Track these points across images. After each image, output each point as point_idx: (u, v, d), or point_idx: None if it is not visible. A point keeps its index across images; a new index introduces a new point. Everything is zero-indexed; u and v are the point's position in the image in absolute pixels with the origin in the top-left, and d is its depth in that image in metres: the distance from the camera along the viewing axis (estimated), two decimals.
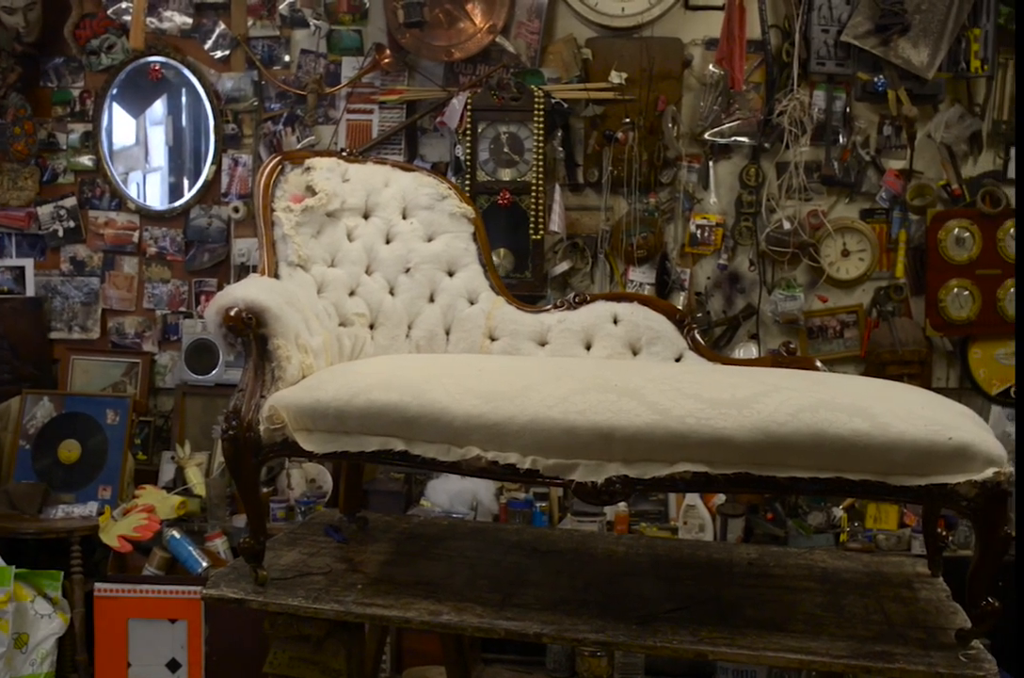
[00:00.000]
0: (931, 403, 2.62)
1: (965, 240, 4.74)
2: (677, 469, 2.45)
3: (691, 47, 4.90)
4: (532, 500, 4.69)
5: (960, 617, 2.64)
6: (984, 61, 4.72)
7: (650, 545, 3.28)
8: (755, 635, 2.50)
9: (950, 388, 4.83)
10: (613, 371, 2.75)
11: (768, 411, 2.43)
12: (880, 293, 4.87)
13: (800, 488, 2.47)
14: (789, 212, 4.80)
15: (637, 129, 4.80)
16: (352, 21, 5.15)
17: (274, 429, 2.70)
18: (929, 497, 2.43)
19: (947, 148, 4.80)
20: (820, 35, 4.75)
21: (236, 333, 2.74)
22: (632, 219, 4.82)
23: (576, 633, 2.51)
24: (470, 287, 3.40)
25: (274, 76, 5.19)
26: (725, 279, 4.89)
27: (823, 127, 4.79)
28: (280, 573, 2.84)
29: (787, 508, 4.69)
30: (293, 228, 3.14)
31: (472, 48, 4.92)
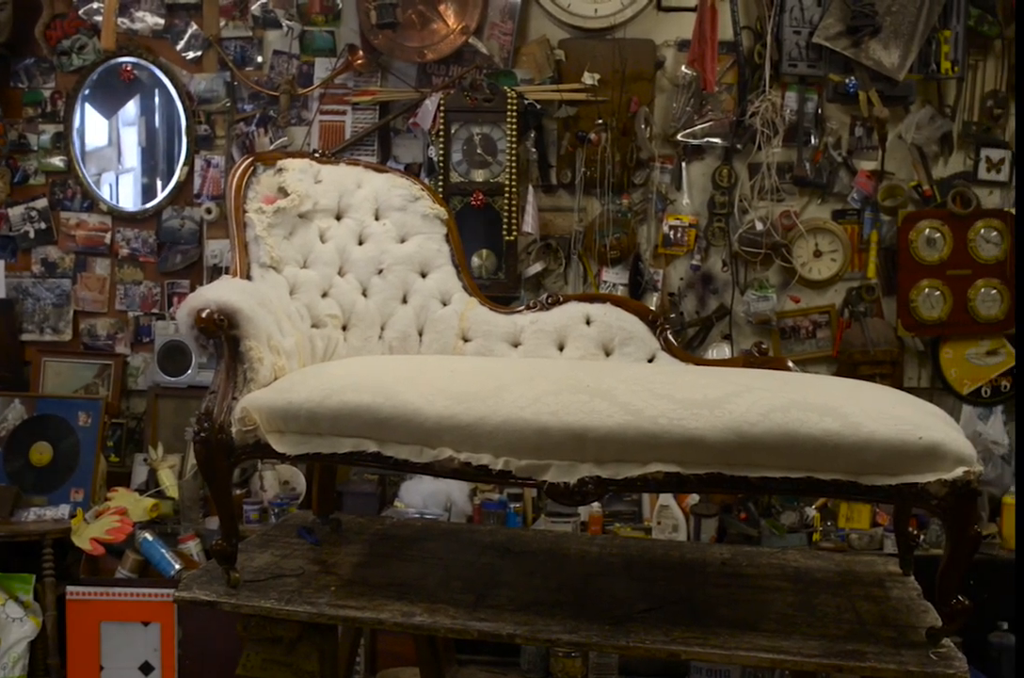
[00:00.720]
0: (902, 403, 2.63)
1: (936, 241, 4.77)
2: (649, 469, 2.46)
3: (664, 48, 4.91)
4: (506, 501, 4.69)
5: (931, 615, 2.65)
6: (954, 63, 4.75)
7: (623, 545, 3.28)
8: (728, 635, 2.51)
9: (921, 388, 4.86)
10: (586, 372, 2.75)
11: (740, 411, 2.44)
12: (852, 293, 4.89)
13: (772, 488, 2.48)
14: (761, 213, 4.82)
15: (610, 130, 4.80)
16: (325, 22, 5.14)
17: (246, 431, 2.69)
18: (900, 496, 2.44)
19: (918, 149, 4.83)
20: (792, 37, 4.77)
21: (208, 335, 2.73)
22: (605, 220, 4.82)
23: (549, 634, 2.51)
24: (443, 288, 3.40)
25: (246, 77, 5.18)
26: (698, 280, 4.90)
27: (795, 128, 4.81)
28: (253, 575, 2.83)
29: (760, 508, 4.70)
30: (265, 229, 3.12)
31: (445, 49, 4.92)
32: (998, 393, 4.82)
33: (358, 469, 4.84)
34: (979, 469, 2.41)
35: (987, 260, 4.76)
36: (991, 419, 4.79)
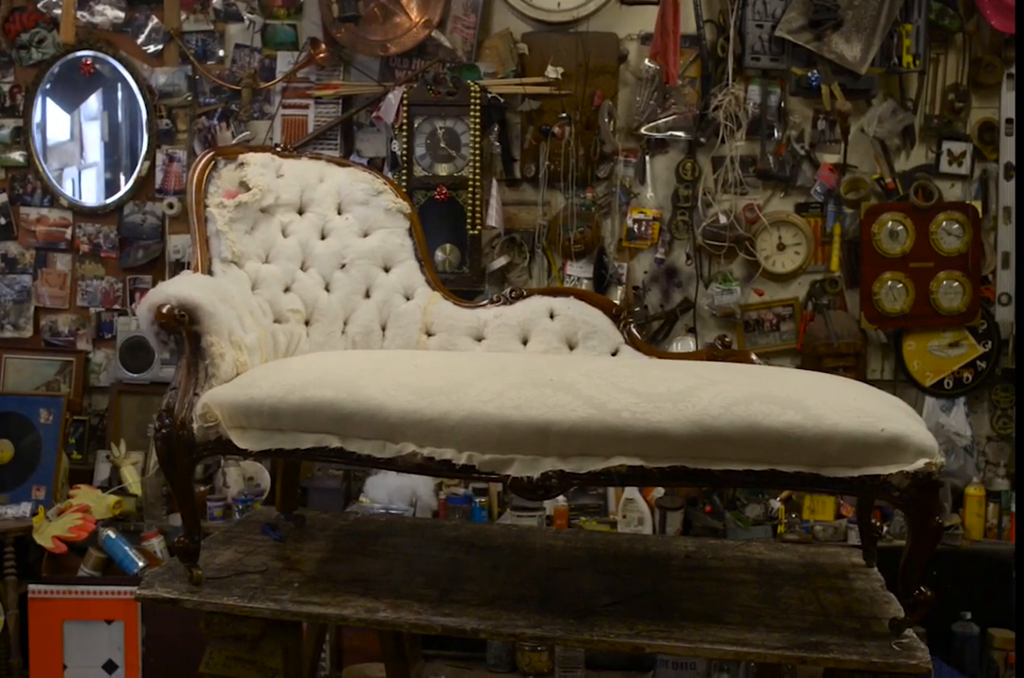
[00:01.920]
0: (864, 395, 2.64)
1: (898, 233, 4.79)
2: (613, 463, 2.46)
3: (627, 42, 4.91)
4: (471, 495, 4.68)
5: (894, 606, 2.66)
6: (916, 56, 4.77)
7: (588, 539, 3.28)
8: (692, 628, 2.51)
9: (885, 380, 4.88)
10: (549, 366, 2.75)
11: (703, 404, 2.44)
12: (815, 286, 4.91)
13: (735, 481, 2.48)
14: (725, 206, 4.83)
15: (573, 124, 4.80)
16: (287, 15, 5.11)
17: (208, 427, 2.67)
18: (862, 488, 2.45)
19: (880, 142, 4.85)
20: (754, 30, 4.78)
21: (168, 331, 2.71)
22: (569, 214, 4.82)
23: (513, 628, 2.50)
24: (406, 283, 3.39)
25: (208, 71, 5.14)
26: (662, 273, 4.91)
27: (758, 122, 4.82)
28: (216, 572, 2.81)
29: (725, 501, 4.72)
30: (227, 224, 3.11)
31: (408, 43, 4.91)
32: (960, 385, 4.85)
33: (322, 465, 4.82)
34: (941, 461, 2.42)
35: (949, 253, 4.78)
36: (953, 411, 4.82)
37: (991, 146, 4.84)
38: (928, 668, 2.41)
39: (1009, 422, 4.84)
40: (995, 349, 4.83)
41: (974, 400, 4.90)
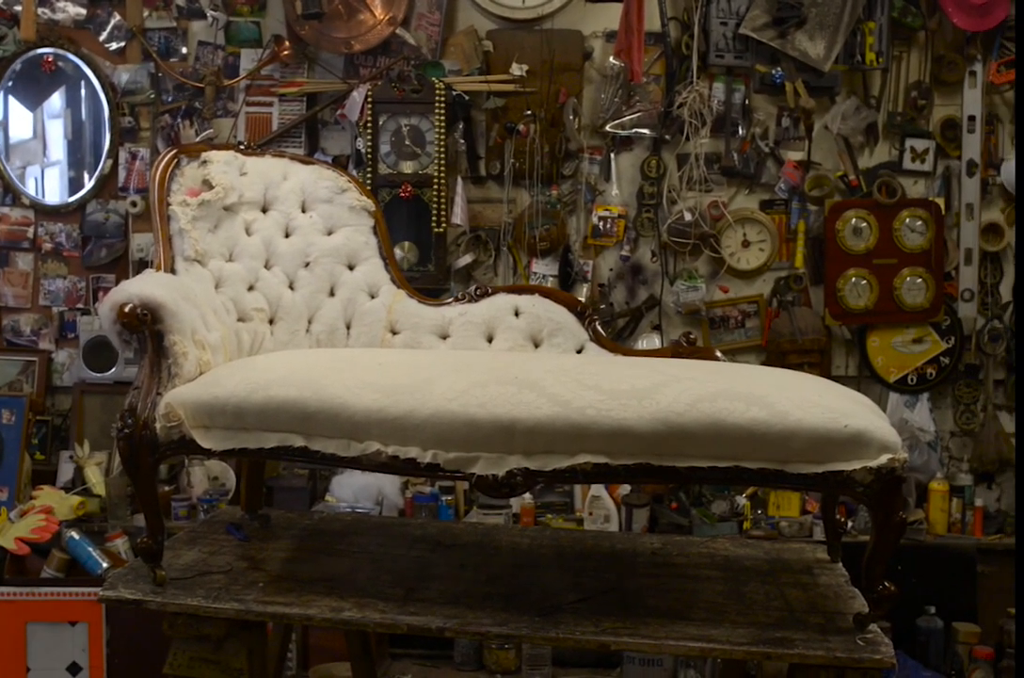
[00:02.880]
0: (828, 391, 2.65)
1: (862, 230, 4.81)
2: (578, 460, 2.46)
3: (591, 39, 4.91)
4: (438, 494, 4.67)
5: (858, 602, 2.68)
6: (879, 54, 4.80)
7: (554, 537, 3.28)
8: (657, 624, 2.52)
9: (849, 376, 4.91)
10: (514, 363, 2.74)
11: (667, 401, 2.45)
12: (780, 283, 4.93)
13: (699, 477, 2.49)
14: (690, 203, 4.84)
15: (538, 121, 4.80)
16: (250, 13, 5.09)
17: (171, 427, 2.65)
18: (826, 484, 2.46)
19: (844, 139, 4.87)
20: (719, 28, 4.79)
21: (131, 330, 2.69)
22: (534, 211, 4.82)
23: (479, 627, 2.50)
24: (371, 281, 3.38)
25: (171, 68, 5.11)
26: (628, 270, 4.91)
27: (723, 119, 4.83)
28: (180, 573, 2.79)
29: (691, 497, 4.73)
30: (190, 222, 3.09)
31: (372, 40, 4.89)
32: (924, 380, 4.88)
33: (287, 464, 4.80)
34: (903, 456, 2.43)
35: (912, 249, 4.81)
36: (917, 406, 4.85)
37: (954, 143, 4.87)
38: (892, 663, 2.42)
39: (972, 417, 4.87)
40: (958, 345, 4.87)
41: (938, 396, 4.93)
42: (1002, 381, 4.92)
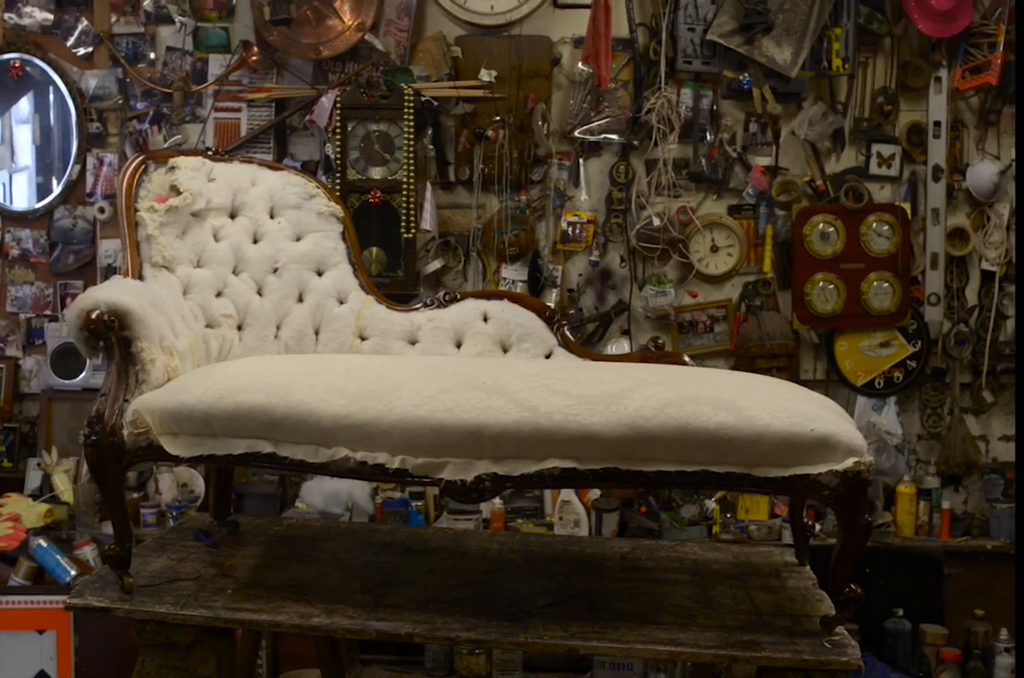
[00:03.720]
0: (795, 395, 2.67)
1: (829, 235, 4.83)
2: (546, 465, 2.47)
3: (560, 45, 4.92)
4: (408, 499, 4.67)
5: (825, 604, 2.70)
6: (845, 60, 4.82)
7: (523, 542, 3.29)
8: (626, 628, 2.53)
9: (817, 380, 4.93)
10: (482, 369, 2.75)
11: (635, 406, 2.46)
12: (748, 288, 4.95)
13: (667, 482, 2.51)
14: (659, 209, 4.85)
15: (507, 127, 4.80)
16: (218, 18, 5.07)
17: (138, 433, 2.65)
18: (793, 488, 2.48)
19: (811, 145, 4.90)
20: (686, 34, 4.80)
21: (98, 336, 2.69)
22: (504, 217, 4.82)
23: (448, 632, 2.51)
24: (339, 286, 3.38)
25: (139, 74, 5.09)
26: (597, 276, 4.92)
27: (691, 125, 4.85)
28: (148, 580, 2.79)
29: (661, 501, 4.74)
30: (157, 229, 3.09)
31: (341, 46, 4.89)
32: (891, 384, 4.91)
33: (257, 470, 4.79)
34: (869, 459, 2.45)
35: (879, 254, 4.84)
36: (885, 410, 4.88)
37: (919, 148, 4.90)
38: (859, 665, 2.44)
39: (939, 420, 4.90)
40: (925, 349, 4.90)
41: (905, 399, 4.96)
42: (968, 384, 4.95)
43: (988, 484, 4.86)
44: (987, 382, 4.91)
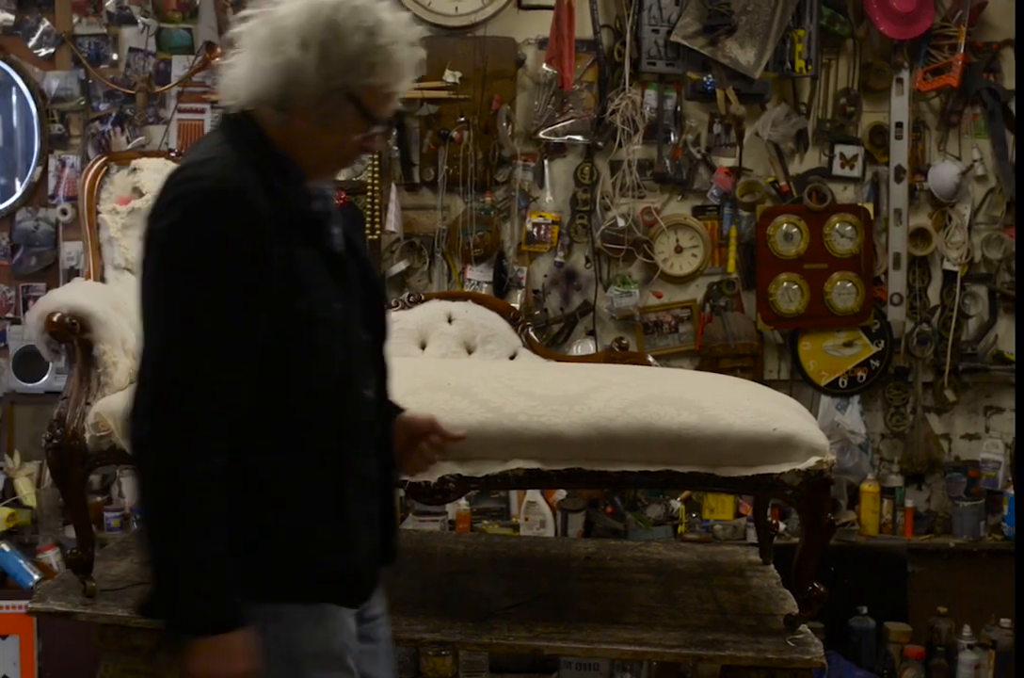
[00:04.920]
0: (758, 395, 2.69)
1: (793, 235, 4.86)
2: (510, 466, 2.48)
3: (524, 46, 4.92)
4: None
5: (789, 603, 2.71)
6: (808, 61, 4.84)
7: (489, 543, 3.30)
8: (590, 629, 2.54)
9: (781, 380, 4.94)
10: (446, 370, 2.76)
11: (599, 406, 2.47)
12: (713, 288, 4.96)
13: (631, 481, 2.52)
14: (623, 210, 4.85)
15: (472, 128, 4.80)
16: (182, 19, 5.04)
17: (100, 437, 2.64)
18: (756, 487, 2.50)
19: (774, 146, 4.91)
20: (650, 35, 4.81)
21: (59, 339, 2.68)
22: (468, 218, 4.82)
23: (412, 633, 2.51)
24: None
25: (102, 75, 5.06)
26: (562, 276, 4.92)
27: (655, 126, 4.85)
28: (111, 584, 2.78)
29: (626, 502, 4.75)
30: (119, 231, 3.08)
31: None
32: (855, 384, 4.93)
33: None
34: (831, 458, 2.47)
35: (842, 254, 4.86)
36: (848, 409, 4.90)
37: (882, 149, 4.92)
38: (822, 663, 2.46)
39: (902, 419, 4.93)
40: (888, 348, 4.92)
41: (868, 398, 4.98)
42: (931, 383, 4.98)
43: (951, 482, 4.89)
44: (949, 381, 4.94)
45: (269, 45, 1.86)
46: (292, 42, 1.84)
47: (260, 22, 1.89)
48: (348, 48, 1.85)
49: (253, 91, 1.89)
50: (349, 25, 1.86)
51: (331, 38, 1.85)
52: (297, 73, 1.85)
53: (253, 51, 1.88)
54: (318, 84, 1.86)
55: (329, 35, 1.85)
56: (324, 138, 1.92)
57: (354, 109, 1.89)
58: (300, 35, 1.85)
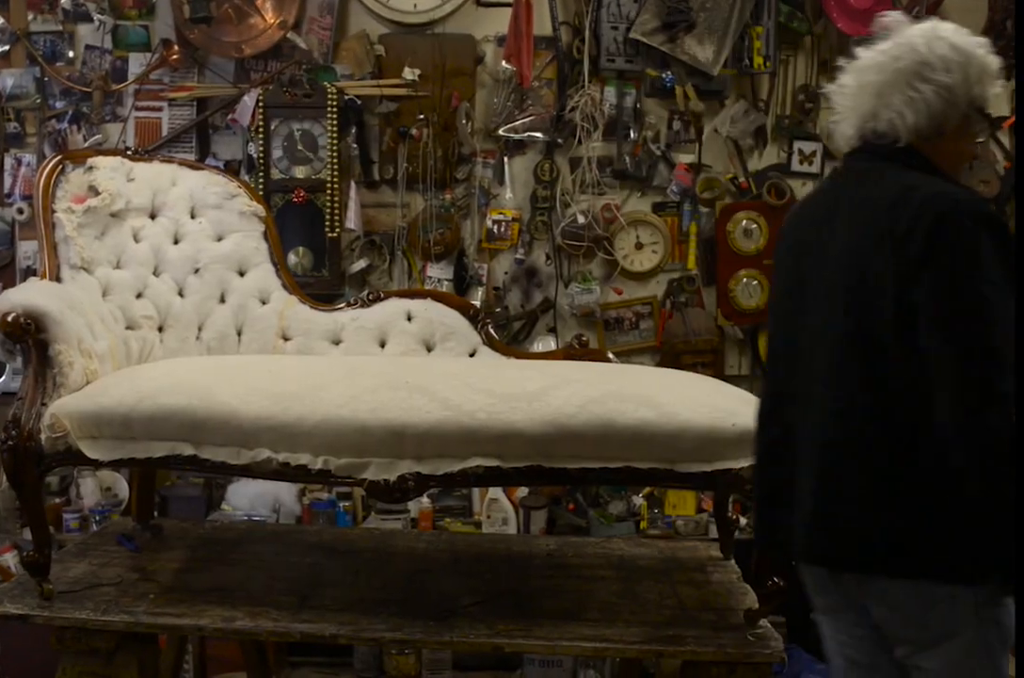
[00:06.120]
0: (716, 391, 2.70)
1: (752, 231, 4.87)
2: (469, 464, 2.47)
3: (483, 43, 4.91)
4: (335, 500, 4.64)
5: (750, 597, 2.72)
6: (767, 58, 4.85)
7: (451, 541, 3.30)
8: (551, 625, 2.54)
9: (742, 375, 4.96)
10: (405, 368, 2.75)
11: (558, 404, 2.47)
12: (673, 284, 4.96)
13: (591, 478, 2.52)
14: (583, 206, 4.86)
15: (431, 125, 4.79)
16: (138, 16, 5.00)
17: (56, 438, 2.62)
18: (715, 482, 2.51)
19: (733, 142, 4.93)
20: (610, 32, 4.81)
21: (14, 339, 2.66)
22: (429, 215, 4.81)
23: (373, 632, 2.50)
24: (261, 286, 3.36)
25: (58, 72, 5.01)
26: (522, 274, 4.92)
27: (614, 122, 4.86)
28: (69, 586, 2.75)
29: (588, 498, 4.75)
30: (75, 230, 3.06)
31: (263, 44, 4.85)
32: None
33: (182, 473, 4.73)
34: None
35: None
36: None
37: None
38: (781, 657, 2.47)
39: None
40: None
41: None
42: None
43: None
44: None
45: (906, 82, 2.24)
46: (938, 70, 2.22)
47: (874, 70, 2.31)
48: (974, 65, 2.23)
49: (911, 126, 2.24)
50: (966, 44, 2.25)
51: (963, 59, 2.22)
52: (951, 96, 2.21)
53: (880, 94, 2.28)
54: (965, 102, 2.23)
55: (960, 57, 2.22)
56: (963, 151, 2.33)
57: (981, 119, 2.27)
58: (941, 63, 2.22)
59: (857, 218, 2.25)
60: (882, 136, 2.29)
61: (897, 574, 2.14)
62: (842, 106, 2.42)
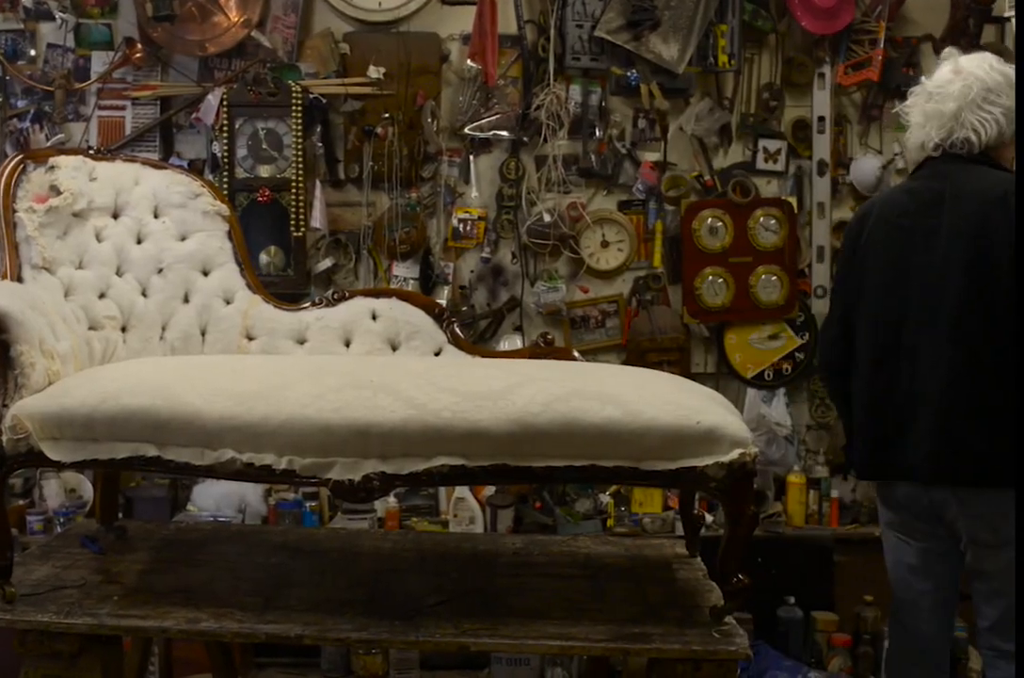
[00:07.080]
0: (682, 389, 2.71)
1: (718, 229, 4.89)
2: (435, 463, 2.47)
3: (449, 42, 4.91)
4: (302, 500, 4.63)
5: (715, 595, 2.72)
6: (731, 56, 4.88)
7: (417, 540, 3.29)
8: (517, 624, 2.53)
9: (708, 373, 4.98)
10: (370, 367, 2.75)
11: (523, 402, 2.47)
12: (639, 282, 4.98)
13: (556, 477, 2.52)
14: (549, 205, 4.86)
15: (397, 124, 4.78)
16: (101, 14, 4.97)
17: (17, 439, 2.59)
18: (680, 480, 2.51)
19: (699, 140, 4.95)
20: (575, 30, 4.82)
21: None
22: (394, 214, 4.80)
23: (338, 633, 2.49)
24: (225, 286, 3.35)
25: (19, 71, 4.97)
26: (488, 272, 4.92)
27: (580, 121, 4.87)
28: (31, 588, 2.73)
29: (555, 496, 4.75)
30: (37, 229, 3.04)
31: (227, 42, 4.82)
32: (780, 376, 4.98)
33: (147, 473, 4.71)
34: (754, 451, 2.49)
35: (766, 247, 4.90)
36: (774, 401, 4.94)
37: (804, 143, 4.98)
38: (747, 654, 2.48)
39: (828, 410, 4.97)
40: (812, 341, 4.96)
41: (793, 390, 5.03)
42: None
43: None
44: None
45: (978, 106, 3.06)
46: (1002, 95, 3.06)
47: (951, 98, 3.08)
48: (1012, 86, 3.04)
49: (988, 139, 3.08)
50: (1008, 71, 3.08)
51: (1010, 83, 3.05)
52: (1010, 114, 3.05)
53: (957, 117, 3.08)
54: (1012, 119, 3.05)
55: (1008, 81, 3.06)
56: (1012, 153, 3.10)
57: None
58: (999, 89, 3.06)
59: (971, 202, 3.03)
60: (961, 146, 3.09)
61: (999, 484, 2.92)
62: (920, 125, 3.17)
